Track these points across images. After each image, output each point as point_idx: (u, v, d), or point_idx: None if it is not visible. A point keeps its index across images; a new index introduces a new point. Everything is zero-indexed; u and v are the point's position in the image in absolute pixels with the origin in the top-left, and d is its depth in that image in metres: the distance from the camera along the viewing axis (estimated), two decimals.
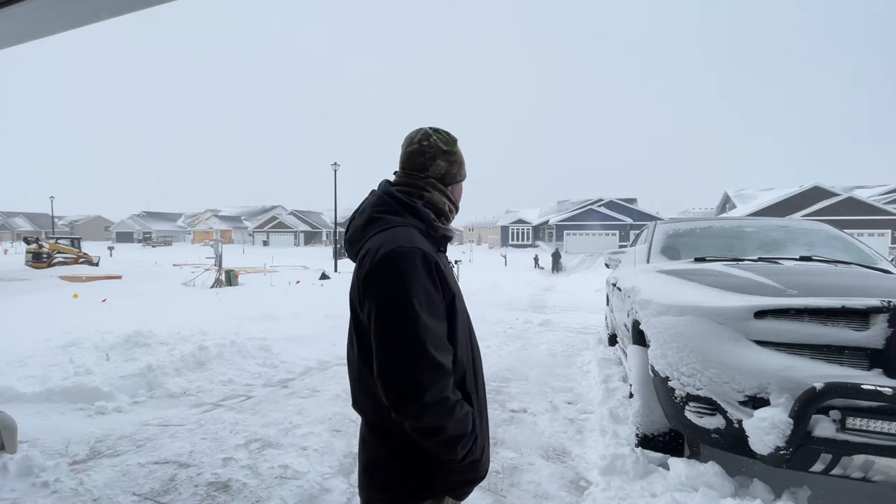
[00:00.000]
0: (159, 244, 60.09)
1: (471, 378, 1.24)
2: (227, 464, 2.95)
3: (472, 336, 1.32)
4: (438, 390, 1.06)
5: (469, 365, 1.24)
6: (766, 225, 4.42)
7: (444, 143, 1.29)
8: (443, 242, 1.30)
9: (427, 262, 1.11)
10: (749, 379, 2.20)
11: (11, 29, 2.52)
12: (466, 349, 1.24)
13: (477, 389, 1.27)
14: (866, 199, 29.82)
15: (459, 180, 1.35)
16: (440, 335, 1.10)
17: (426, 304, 1.07)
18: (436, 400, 1.06)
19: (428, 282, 1.09)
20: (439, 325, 1.11)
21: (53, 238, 23.49)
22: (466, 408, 1.16)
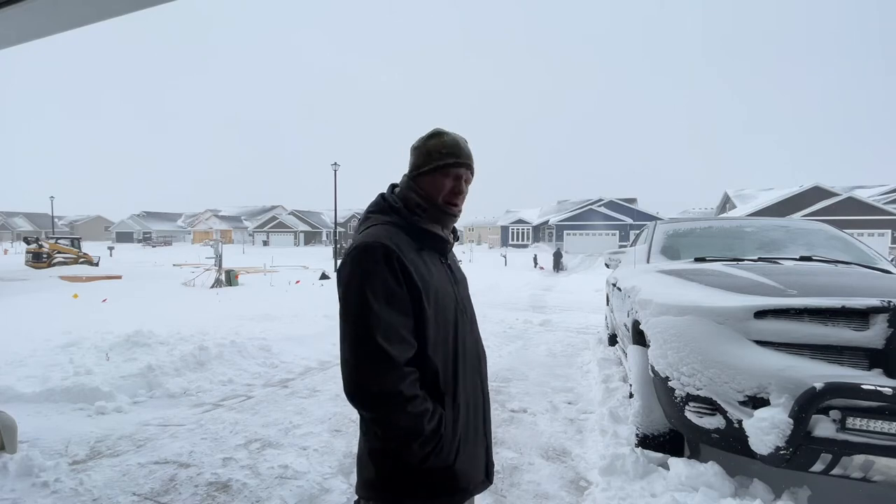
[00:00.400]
0: (159, 244, 60.07)
1: (447, 379, 1.20)
2: (227, 464, 2.95)
3: (461, 337, 1.25)
4: (387, 382, 1.07)
5: (447, 365, 1.20)
6: (766, 225, 4.42)
7: (419, 140, 1.32)
8: (426, 238, 1.25)
9: (388, 256, 1.12)
10: (749, 379, 2.20)
11: (11, 29, 2.52)
12: (444, 348, 1.20)
13: (456, 391, 1.21)
14: (866, 199, 29.81)
15: (425, 171, 1.26)
16: (396, 327, 1.10)
17: (382, 295, 1.10)
18: (383, 392, 1.07)
19: (388, 274, 1.11)
20: (397, 318, 1.11)
21: (53, 238, 23.48)
22: (427, 406, 1.12)
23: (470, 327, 1.32)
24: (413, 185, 1.28)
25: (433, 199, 1.26)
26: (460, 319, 1.26)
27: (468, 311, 1.34)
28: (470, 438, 1.26)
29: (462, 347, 1.25)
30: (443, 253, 1.31)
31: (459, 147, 1.27)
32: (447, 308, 1.22)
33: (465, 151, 1.28)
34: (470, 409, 1.27)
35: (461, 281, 1.38)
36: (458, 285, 1.33)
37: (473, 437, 1.28)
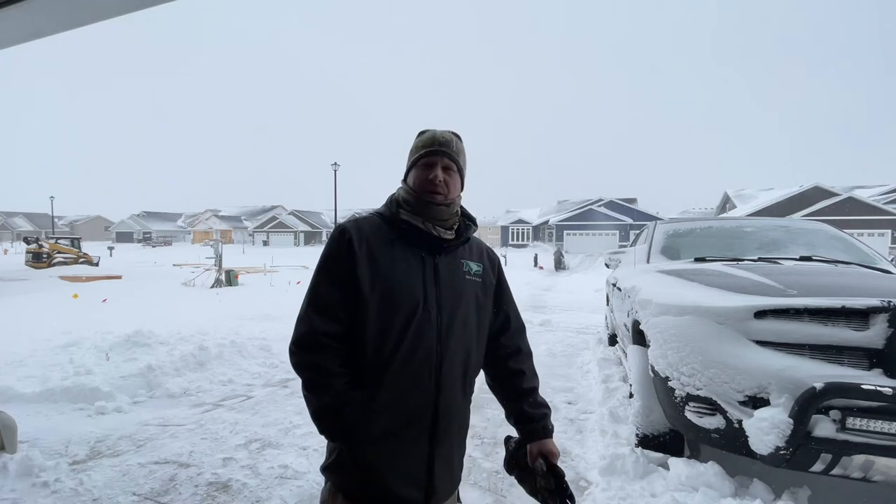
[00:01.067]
0: (159, 244, 60.07)
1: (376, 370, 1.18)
2: (227, 464, 2.95)
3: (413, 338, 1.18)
4: (304, 345, 1.19)
5: (379, 356, 1.18)
6: (766, 225, 4.42)
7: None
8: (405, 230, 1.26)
9: (341, 235, 1.23)
10: (749, 379, 2.20)
11: (11, 29, 2.52)
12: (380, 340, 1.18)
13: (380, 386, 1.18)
14: (866, 199, 29.81)
15: (409, 168, 1.32)
16: (327, 300, 1.20)
17: (326, 270, 1.23)
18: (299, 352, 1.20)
19: (336, 253, 1.22)
20: (331, 293, 1.21)
21: (53, 238, 23.49)
22: (330, 382, 1.16)
23: (441, 334, 1.22)
24: (404, 184, 1.34)
25: (415, 191, 1.29)
26: (420, 319, 1.19)
27: (444, 316, 1.23)
28: (399, 443, 1.20)
29: (410, 346, 1.18)
30: (429, 250, 1.26)
31: (433, 138, 1.29)
32: (400, 302, 1.19)
33: (440, 140, 1.28)
34: (401, 413, 1.20)
35: (450, 284, 1.27)
36: (438, 286, 1.24)
37: (409, 445, 1.21)
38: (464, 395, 1.31)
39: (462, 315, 1.27)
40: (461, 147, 1.33)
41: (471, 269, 1.33)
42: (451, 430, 1.28)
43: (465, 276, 1.31)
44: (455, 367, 1.26)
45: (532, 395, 1.40)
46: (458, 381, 1.28)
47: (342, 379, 1.17)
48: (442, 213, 1.27)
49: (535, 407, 1.38)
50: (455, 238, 1.31)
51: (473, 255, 1.37)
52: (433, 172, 1.27)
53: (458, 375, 1.27)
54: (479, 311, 1.33)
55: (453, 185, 1.30)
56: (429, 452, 1.23)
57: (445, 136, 1.31)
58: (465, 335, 1.28)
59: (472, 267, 1.34)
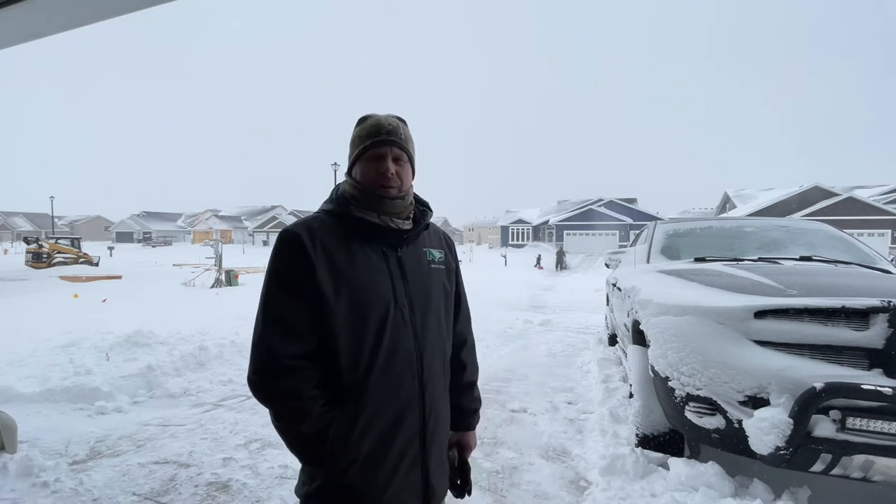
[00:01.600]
0: (159, 244, 60.08)
1: (354, 382, 1.08)
2: (227, 464, 2.95)
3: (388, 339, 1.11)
4: (267, 373, 1.06)
5: (356, 367, 1.08)
6: (766, 225, 4.42)
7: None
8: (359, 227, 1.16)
9: (293, 243, 1.09)
10: (749, 379, 2.20)
11: (11, 29, 2.52)
12: (355, 348, 1.08)
13: (362, 399, 1.08)
14: (866, 199, 29.81)
15: (355, 161, 1.21)
16: (286, 317, 1.07)
17: (281, 283, 1.09)
18: (263, 381, 1.07)
19: (290, 262, 1.09)
20: (290, 308, 1.07)
21: (53, 238, 23.49)
22: (306, 406, 1.04)
23: (417, 331, 1.16)
24: (349, 178, 1.23)
25: (365, 186, 1.18)
26: (394, 319, 1.12)
27: (417, 312, 1.17)
28: (391, 456, 1.11)
29: (388, 351, 1.11)
30: (389, 244, 1.18)
31: (379, 126, 1.18)
32: (371, 305, 1.10)
33: (386, 128, 1.18)
34: (388, 423, 1.11)
35: (417, 277, 1.20)
36: (406, 281, 1.17)
37: (401, 455, 1.12)
38: (445, 387, 1.27)
39: (434, 307, 1.22)
40: (409, 133, 1.23)
41: (434, 257, 1.27)
42: (440, 426, 1.23)
43: (430, 265, 1.25)
44: (435, 361, 1.21)
45: (471, 389, 1.40)
46: (440, 375, 1.23)
47: (319, 402, 1.06)
48: (396, 207, 1.19)
49: (472, 401, 1.39)
50: (414, 227, 1.23)
51: (434, 243, 1.30)
52: (384, 165, 1.17)
53: (438, 369, 1.22)
54: (447, 299, 1.29)
55: (406, 176, 1.20)
56: (423, 457, 1.16)
57: (392, 122, 1.20)
58: (439, 327, 1.23)
59: (435, 255, 1.28)
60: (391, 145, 1.18)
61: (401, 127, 1.21)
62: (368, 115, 1.23)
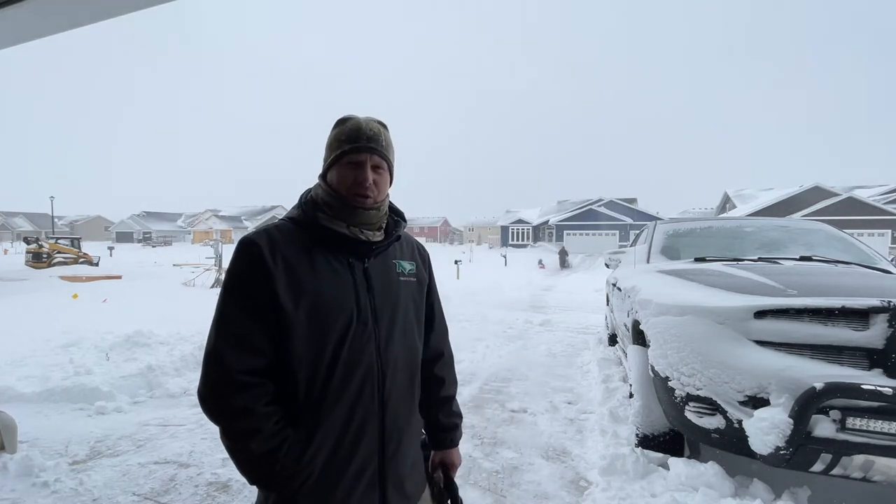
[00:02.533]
0: (159, 244, 60.07)
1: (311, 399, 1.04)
2: (226, 464, 2.95)
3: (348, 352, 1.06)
4: (218, 389, 1.01)
5: (313, 382, 1.04)
6: (766, 225, 4.42)
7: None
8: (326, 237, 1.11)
9: (251, 253, 1.04)
10: (749, 379, 2.20)
11: (11, 29, 2.52)
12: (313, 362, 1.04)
13: (318, 417, 1.04)
14: (866, 199, 29.81)
15: (328, 166, 1.14)
16: (242, 331, 1.02)
17: (237, 295, 1.04)
18: (214, 398, 1.02)
19: (247, 273, 1.04)
20: (246, 322, 1.02)
21: (53, 238, 23.48)
22: (259, 425, 0.99)
23: (380, 346, 1.11)
24: (322, 182, 1.16)
25: (339, 194, 1.12)
26: (355, 333, 1.07)
27: (382, 325, 1.12)
28: (343, 480, 1.05)
29: (347, 366, 1.06)
30: (357, 255, 1.13)
31: (359, 131, 1.11)
32: (331, 317, 1.05)
33: (367, 134, 1.11)
34: (345, 444, 1.06)
35: (384, 289, 1.15)
36: (372, 293, 1.12)
37: (352, 479, 1.06)
38: (412, 405, 1.21)
39: (401, 321, 1.17)
40: (390, 139, 1.17)
41: (404, 270, 1.22)
42: (404, 446, 1.16)
43: (398, 277, 1.20)
44: (399, 378, 1.15)
45: (448, 404, 1.35)
46: (405, 392, 1.18)
47: (272, 419, 1.00)
48: (371, 218, 1.14)
49: (449, 416, 1.34)
50: (384, 238, 1.18)
51: (405, 254, 1.25)
52: (362, 174, 1.10)
53: (404, 385, 1.17)
54: (417, 313, 1.24)
55: (383, 185, 1.15)
56: (381, 479, 1.11)
57: (373, 127, 1.13)
58: (406, 341, 1.18)
59: (406, 266, 1.23)
60: (371, 152, 1.12)
61: (382, 133, 1.15)
62: (348, 117, 1.15)
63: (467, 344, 6.50)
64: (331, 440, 1.05)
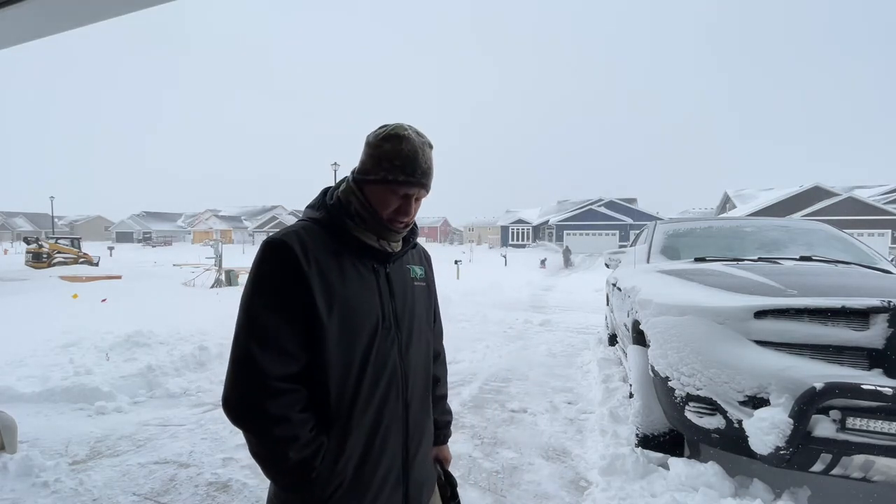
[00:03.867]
0: (159, 244, 60.07)
1: (342, 405, 1.03)
2: (227, 464, 2.95)
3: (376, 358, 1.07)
4: (252, 395, 0.97)
5: (345, 389, 1.03)
6: (766, 225, 4.42)
7: (374, 135, 1.10)
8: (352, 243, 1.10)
9: (285, 255, 1.00)
10: (749, 379, 2.20)
11: (11, 29, 2.52)
12: (344, 368, 1.04)
13: (349, 422, 1.03)
14: (866, 199, 29.82)
15: (371, 179, 1.08)
16: (275, 335, 0.99)
17: (269, 298, 1.00)
18: (248, 405, 0.98)
19: (280, 276, 1.00)
20: (280, 325, 0.99)
21: (53, 238, 23.48)
22: (297, 433, 0.97)
23: (402, 349, 1.13)
24: (356, 189, 1.12)
25: (376, 213, 1.10)
26: (381, 338, 1.08)
27: (403, 329, 1.14)
28: (372, 483, 1.06)
29: (374, 370, 1.07)
30: (379, 260, 1.14)
31: (416, 162, 1.07)
32: (361, 323, 1.05)
33: (422, 168, 1.08)
34: (374, 448, 1.07)
35: (403, 294, 1.17)
36: (394, 298, 1.13)
37: (380, 482, 1.07)
38: (427, 405, 1.24)
39: (417, 325, 1.19)
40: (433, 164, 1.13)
41: (417, 275, 1.24)
42: (423, 446, 1.20)
43: (413, 283, 1.22)
44: (418, 380, 1.18)
45: (443, 402, 1.40)
46: (423, 394, 1.20)
47: (308, 425, 0.99)
48: (398, 237, 1.16)
49: (443, 414, 1.39)
50: (403, 246, 1.20)
51: (415, 259, 1.27)
52: (408, 207, 1.10)
53: (421, 388, 1.19)
54: (428, 316, 1.27)
55: (416, 211, 1.14)
56: (405, 479, 1.13)
57: (428, 159, 1.10)
58: (422, 344, 1.21)
59: (418, 272, 1.25)
60: (421, 187, 1.10)
61: (432, 165, 1.12)
62: (403, 135, 1.07)
63: (467, 344, 6.50)
64: (361, 445, 1.05)
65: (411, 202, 1.10)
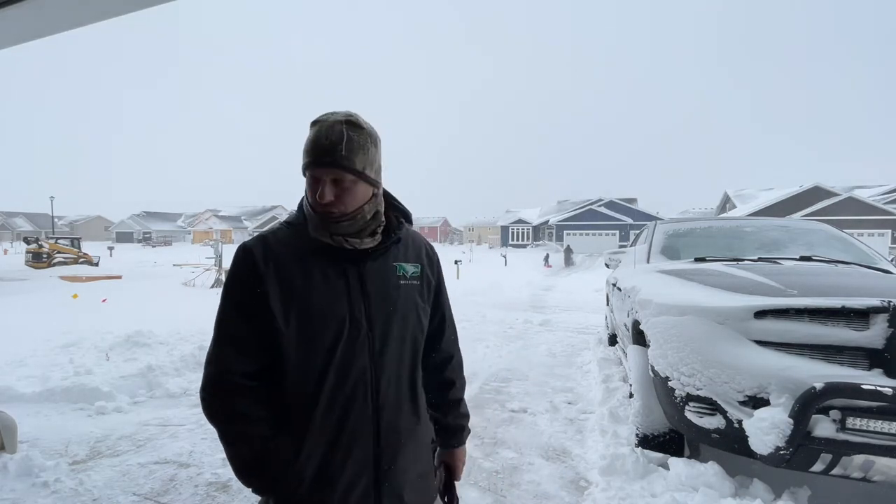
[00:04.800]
0: (159, 244, 60.08)
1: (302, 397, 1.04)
2: (226, 464, 2.94)
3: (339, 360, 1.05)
4: (215, 390, 1.04)
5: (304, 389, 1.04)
6: (766, 225, 4.42)
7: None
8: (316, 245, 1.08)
9: (244, 255, 1.06)
10: (749, 379, 2.20)
11: (11, 29, 2.52)
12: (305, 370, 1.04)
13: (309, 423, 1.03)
14: (866, 199, 29.83)
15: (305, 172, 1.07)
16: (237, 334, 1.05)
17: (233, 299, 1.07)
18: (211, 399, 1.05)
19: (241, 278, 1.06)
20: (241, 325, 1.05)
21: (53, 238, 23.49)
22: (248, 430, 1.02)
23: (373, 352, 1.08)
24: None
25: (312, 206, 1.09)
26: (347, 341, 1.05)
27: (377, 331, 1.09)
28: (335, 489, 1.04)
29: (337, 374, 1.04)
30: (351, 260, 1.09)
31: (315, 142, 1.03)
32: (322, 326, 1.04)
33: (323, 146, 1.02)
34: (337, 451, 1.05)
35: (381, 294, 1.11)
36: (367, 298, 1.09)
37: (345, 488, 1.05)
38: (412, 412, 1.17)
39: (399, 327, 1.12)
40: (359, 140, 1.05)
41: (406, 272, 1.17)
42: (403, 456, 1.12)
43: (398, 281, 1.15)
44: (395, 384, 1.12)
45: (457, 407, 1.34)
46: (403, 399, 1.14)
47: (262, 424, 1.03)
48: (347, 229, 1.07)
49: (457, 418, 1.33)
50: (381, 242, 1.13)
51: (409, 256, 1.19)
52: (320, 191, 1.04)
53: (401, 393, 1.13)
54: (420, 317, 1.18)
55: (349, 198, 1.06)
56: (377, 489, 1.08)
57: (332, 136, 1.02)
58: (404, 348, 1.14)
59: (408, 269, 1.17)
60: (326, 167, 1.03)
61: (344, 139, 1.02)
62: (318, 120, 1.06)
63: (467, 344, 6.50)
64: (322, 447, 1.04)
65: (323, 186, 1.04)
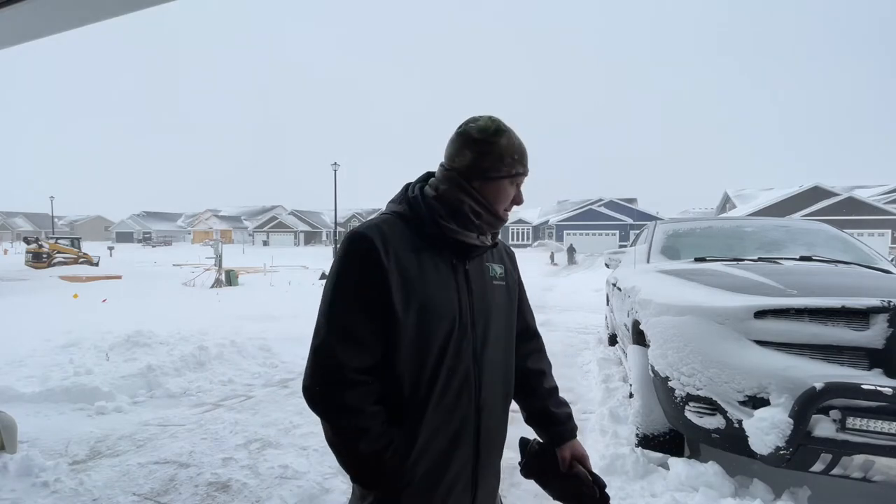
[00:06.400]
0: (159, 244, 60.10)
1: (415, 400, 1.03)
2: (227, 464, 2.95)
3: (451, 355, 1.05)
4: (329, 385, 0.99)
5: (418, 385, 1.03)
6: (766, 225, 4.42)
7: (479, 130, 1.08)
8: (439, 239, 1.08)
9: (363, 244, 1.01)
10: (749, 379, 2.20)
11: (11, 29, 2.53)
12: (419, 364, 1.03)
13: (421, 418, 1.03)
14: (866, 199, 29.84)
15: (492, 177, 1.08)
16: (354, 328, 1.00)
17: (348, 291, 1.01)
18: (325, 394, 1.00)
19: (360, 269, 1.01)
20: (358, 318, 1.00)
21: (53, 238, 23.49)
22: (368, 425, 0.99)
23: (476, 351, 1.10)
24: (468, 187, 1.09)
25: (494, 209, 1.10)
26: (457, 335, 1.06)
27: (478, 330, 1.10)
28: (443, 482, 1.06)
29: (448, 371, 1.05)
30: (459, 256, 1.11)
31: (524, 154, 1.12)
32: (438, 321, 1.04)
33: (526, 155, 1.14)
34: (444, 447, 1.06)
35: (481, 293, 1.13)
36: (471, 296, 1.10)
37: (451, 482, 1.07)
38: (504, 409, 1.19)
39: (495, 325, 1.15)
40: None
41: (496, 273, 1.19)
42: (494, 451, 1.18)
43: (491, 281, 1.17)
44: (494, 383, 1.14)
45: (556, 394, 1.32)
46: (500, 398, 1.16)
47: (379, 419, 1.01)
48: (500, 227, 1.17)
49: (559, 407, 1.30)
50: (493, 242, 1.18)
51: (495, 258, 1.22)
52: (521, 197, 1.14)
53: (498, 392, 1.15)
54: (508, 318, 1.21)
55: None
56: (474, 482, 1.11)
57: (522, 143, 1.14)
58: (499, 347, 1.16)
59: (497, 270, 1.20)
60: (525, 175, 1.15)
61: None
62: (506, 130, 1.10)
63: None
64: (434, 442, 1.05)
65: (521, 191, 1.16)
